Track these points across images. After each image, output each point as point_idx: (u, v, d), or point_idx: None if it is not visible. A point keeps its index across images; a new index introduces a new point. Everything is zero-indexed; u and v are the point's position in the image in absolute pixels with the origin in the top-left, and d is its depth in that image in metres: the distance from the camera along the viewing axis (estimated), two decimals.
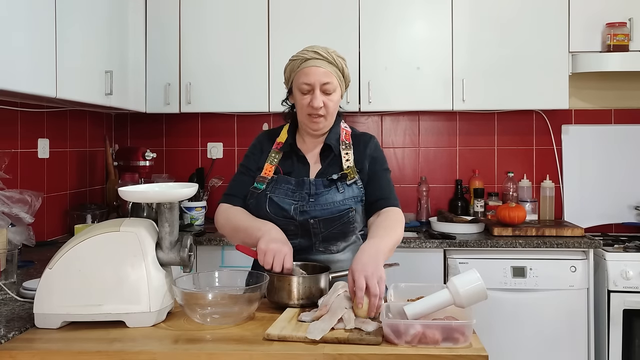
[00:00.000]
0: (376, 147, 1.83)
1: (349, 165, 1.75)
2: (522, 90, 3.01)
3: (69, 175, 2.99)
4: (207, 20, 3.11)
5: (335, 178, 1.72)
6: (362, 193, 1.74)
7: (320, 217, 1.69)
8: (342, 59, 1.74)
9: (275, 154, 1.79)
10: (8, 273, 1.83)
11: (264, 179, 1.75)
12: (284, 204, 1.71)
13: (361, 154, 1.79)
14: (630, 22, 2.93)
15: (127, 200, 1.56)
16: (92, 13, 2.53)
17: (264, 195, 1.73)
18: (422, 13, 3.05)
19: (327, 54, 1.70)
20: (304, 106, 1.71)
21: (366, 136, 1.85)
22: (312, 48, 1.71)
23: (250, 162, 1.82)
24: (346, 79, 1.77)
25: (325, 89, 1.69)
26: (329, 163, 1.77)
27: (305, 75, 1.69)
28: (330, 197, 1.71)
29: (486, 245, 2.73)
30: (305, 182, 1.73)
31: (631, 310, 2.65)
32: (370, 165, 1.78)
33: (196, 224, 3.11)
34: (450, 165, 3.42)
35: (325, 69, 1.68)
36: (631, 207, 3.24)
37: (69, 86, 2.30)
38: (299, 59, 1.71)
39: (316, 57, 1.69)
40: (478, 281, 1.31)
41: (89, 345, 1.25)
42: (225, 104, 3.13)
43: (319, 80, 1.68)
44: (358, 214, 1.74)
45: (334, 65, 1.70)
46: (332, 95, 1.71)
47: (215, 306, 1.39)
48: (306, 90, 1.70)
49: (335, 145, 1.78)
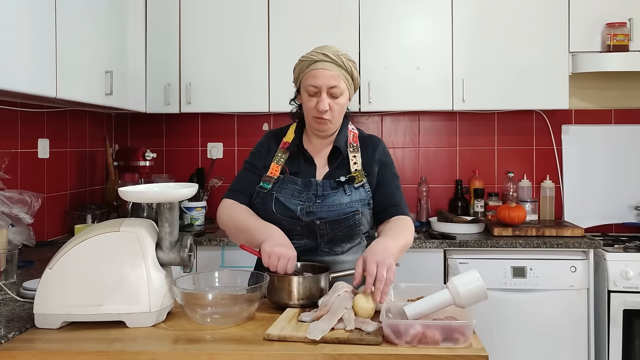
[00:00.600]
0: (385, 152, 1.83)
1: (356, 169, 1.75)
2: (522, 90, 3.01)
3: (69, 175, 2.99)
4: (207, 20, 3.11)
5: (343, 180, 1.72)
6: (369, 196, 1.74)
7: (327, 219, 1.69)
8: (352, 62, 1.72)
9: (282, 154, 1.78)
10: (8, 273, 1.83)
11: (271, 178, 1.74)
12: (290, 204, 1.70)
13: (369, 158, 1.78)
14: (630, 22, 2.93)
15: (127, 200, 1.56)
16: (92, 13, 2.53)
17: (270, 195, 1.72)
18: (422, 13, 3.05)
19: (337, 56, 1.67)
20: (311, 108, 1.70)
21: (374, 139, 1.84)
22: (322, 50, 1.69)
23: (257, 159, 1.81)
24: (355, 82, 1.74)
25: (332, 92, 1.67)
26: (337, 165, 1.77)
27: (312, 77, 1.67)
28: (337, 199, 1.70)
29: (486, 246, 2.73)
30: (312, 183, 1.72)
31: (631, 310, 2.64)
32: (380, 170, 1.78)
33: (196, 224, 3.11)
34: (450, 165, 3.42)
35: (334, 72, 1.66)
36: (631, 207, 3.24)
37: (69, 86, 2.30)
38: (308, 60, 1.69)
39: (325, 59, 1.67)
40: (478, 281, 1.32)
41: (89, 345, 1.25)
42: (225, 104, 3.13)
43: (326, 83, 1.66)
44: (364, 216, 1.73)
45: (342, 69, 1.68)
46: (339, 98, 1.69)
47: (215, 306, 1.39)
48: (313, 93, 1.69)
49: (343, 148, 1.77)
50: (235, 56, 3.10)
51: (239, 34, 3.10)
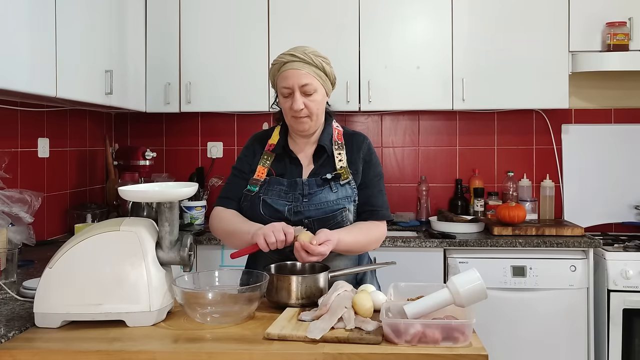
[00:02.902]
0: (369, 150, 1.83)
1: (342, 166, 1.75)
2: (522, 90, 3.01)
3: (69, 174, 2.99)
4: (207, 20, 3.11)
5: (329, 178, 1.73)
6: (355, 193, 1.75)
7: (315, 217, 1.70)
8: (323, 57, 1.73)
9: (267, 156, 1.79)
10: (8, 272, 1.84)
11: (257, 181, 1.75)
12: (277, 205, 1.71)
13: (354, 156, 1.79)
14: (630, 22, 2.93)
15: (127, 199, 1.56)
16: (92, 12, 2.53)
17: (258, 198, 1.73)
18: (422, 12, 3.05)
19: (305, 55, 1.68)
20: (287, 109, 1.72)
21: (358, 137, 1.84)
22: (291, 50, 1.71)
23: (243, 164, 1.82)
24: (330, 77, 1.75)
25: (304, 90, 1.69)
26: (322, 164, 1.78)
27: (284, 79, 1.69)
28: (323, 197, 1.71)
29: (486, 245, 2.73)
30: (298, 182, 1.73)
31: (631, 309, 2.65)
32: (364, 170, 1.79)
33: (196, 224, 3.11)
34: (450, 165, 3.42)
35: (304, 71, 1.68)
36: (631, 206, 3.24)
37: (69, 85, 2.30)
38: (279, 62, 1.71)
39: (293, 59, 1.68)
40: (478, 280, 1.32)
41: (89, 344, 1.25)
42: (225, 104, 3.13)
43: (297, 82, 1.68)
44: (351, 213, 1.75)
45: (312, 66, 1.69)
46: (313, 95, 1.70)
47: (215, 305, 1.39)
48: (287, 94, 1.71)
49: (328, 146, 1.78)
50: (235, 55, 3.10)
51: (239, 33, 3.10)
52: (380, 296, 1.44)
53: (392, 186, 3.37)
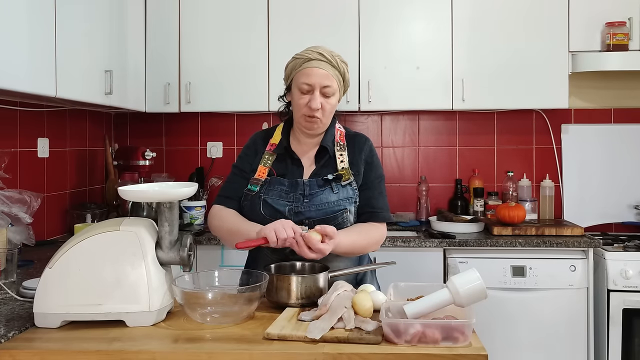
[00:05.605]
0: (371, 151, 1.83)
1: (343, 167, 1.75)
2: (522, 90, 3.02)
3: (68, 174, 2.99)
4: (206, 20, 3.11)
5: (331, 178, 1.72)
6: (356, 195, 1.75)
7: (315, 218, 1.69)
8: (345, 63, 1.74)
9: (269, 156, 1.79)
10: (8, 272, 1.83)
11: (258, 181, 1.75)
12: (278, 205, 1.71)
13: (355, 157, 1.79)
14: (629, 22, 2.94)
15: (127, 199, 1.56)
16: (91, 12, 2.53)
17: (258, 198, 1.73)
18: (422, 12, 3.05)
19: (332, 57, 1.69)
20: (302, 106, 1.71)
21: (360, 138, 1.84)
22: (317, 49, 1.70)
23: (244, 163, 1.82)
24: (346, 84, 1.77)
25: (324, 91, 1.69)
26: (324, 164, 1.77)
27: (306, 75, 1.68)
28: (324, 198, 1.71)
29: (486, 245, 2.73)
30: (299, 183, 1.73)
31: (631, 309, 2.65)
32: (366, 172, 1.79)
33: (196, 224, 3.11)
34: (450, 165, 3.42)
35: (327, 72, 1.68)
36: (631, 206, 3.24)
37: (69, 85, 2.30)
38: (302, 58, 1.70)
39: (320, 58, 1.68)
40: (478, 280, 1.31)
41: (89, 344, 1.25)
42: (224, 104, 3.13)
43: (320, 82, 1.68)
44: (352, 214, 1.74)
45: (336, 69, 1.70)
46: (331, 98, 1.71)
47: (215, 305, 1.39)
48: (306, 90, 1.69)
49: (330, 147, 1.78)
50: (235, 55, 3.10)
51: (239, 33, 3.10)
52: (380, 296, 1.44)
53: (392, 186, 3.37)
